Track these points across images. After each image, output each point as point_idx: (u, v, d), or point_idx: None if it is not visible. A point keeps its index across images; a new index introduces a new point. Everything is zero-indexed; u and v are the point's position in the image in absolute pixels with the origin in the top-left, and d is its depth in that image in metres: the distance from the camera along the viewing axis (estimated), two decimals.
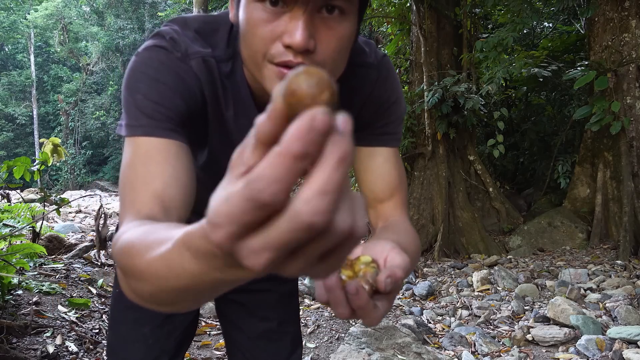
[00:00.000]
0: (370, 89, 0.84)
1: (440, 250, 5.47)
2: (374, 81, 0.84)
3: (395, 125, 0.88)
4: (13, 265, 2.34)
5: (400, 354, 2.46)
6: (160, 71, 0.70)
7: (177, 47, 0.72)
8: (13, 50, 30.49)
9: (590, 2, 5.72)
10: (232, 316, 1.13)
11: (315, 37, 0.63)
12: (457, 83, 5.46)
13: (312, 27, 0.62)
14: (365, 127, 0.85)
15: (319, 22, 0.63)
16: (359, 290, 0.47)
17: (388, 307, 0.51)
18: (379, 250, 0.55)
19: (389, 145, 0.87)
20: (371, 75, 0.84)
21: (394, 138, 0.88)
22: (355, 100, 0.84)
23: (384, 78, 0.85)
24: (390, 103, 0.86)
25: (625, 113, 5.22)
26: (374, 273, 0.50)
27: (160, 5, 25.62)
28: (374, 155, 0.85)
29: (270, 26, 0.63)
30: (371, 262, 0.52)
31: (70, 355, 2.13)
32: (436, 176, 5.86)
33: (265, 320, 1.10)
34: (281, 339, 1.11)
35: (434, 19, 6.14)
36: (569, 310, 2.97)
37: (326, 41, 0.64)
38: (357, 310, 0.48)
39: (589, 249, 5.19)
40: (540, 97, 8.63)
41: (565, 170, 6.21)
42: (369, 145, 0.86)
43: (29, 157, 3.01)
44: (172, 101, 0.69)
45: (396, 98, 0.87)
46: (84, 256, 3.54)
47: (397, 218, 0.83)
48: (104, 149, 29.33)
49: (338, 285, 0.48)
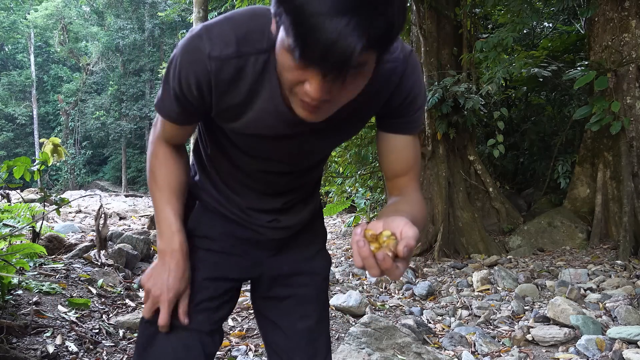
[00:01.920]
0: (398, 81, 0.91)
1: (440, 250, 5.47)
2: (400, 73, 0.91)
3: (418, 115, 0.96)
4: (13, 265, 2.34)
5: (400, 354, 2.46)
6: (186, 68, 0.85)
7: (204, 49, 0.83)
8: (13, 50, 30.51)
9: (590, 2, 5.72)
10: (271, 315, 1.15)
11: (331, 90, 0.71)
12: (457, 83, 5.46)
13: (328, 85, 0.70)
14: (391, 115, 0.96)
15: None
16: (385, 257, 0.68)
17: (405, 266, 0.71)
18: (395, 225, 0.73)
19: (409, 133, 0.98)
20: (398, 68, 0.90)
21: (415, 126, 0.98)
22: (384, 91, 0.91)
23: (410, 72, 0.92)
24: (415, 95, 0.94)
25: (625, 113, 5.22)
26: (394, 243, 0.70)
27: (160, 5, 25.62)
28: (396, 140, 0.98)
29: (296, 74, 0.71)
30: (391, 235, 0.71)
31: (70, 355, 2.13)
32: (436, 176, 5.86)
33: (305, 318, 1.13)
34: (318, 339, 1.14)
35: (434, 19, 6.14)
36: (569, 310, 2.97)
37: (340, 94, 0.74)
38: (384, 271, 0.69)
39: (589, 249, 5.19)
40: (540, 97, 8.63)
41: (565, 170, 6.21)
42: (392, 132, 0.98)
43: (29, 157, 3.00)
44: (190, 97, 0.88)
45: (419, 90, 0.94)
46: (84, 256, 3.54)
47: (410, 189, 1.00)
48: (104, 149, 29.34)
49: (370, 254, 0.69)
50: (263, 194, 1.07)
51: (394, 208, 0.93)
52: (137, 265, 4.12)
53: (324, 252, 1.21)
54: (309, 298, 1.14)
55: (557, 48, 7.88)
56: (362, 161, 6.95)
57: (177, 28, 23.85)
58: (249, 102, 0.88)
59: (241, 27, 0.84)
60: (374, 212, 7.22)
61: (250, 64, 0.84)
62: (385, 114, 0.96)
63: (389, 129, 0.97)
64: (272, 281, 1.14)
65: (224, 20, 0.85)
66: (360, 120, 0.96)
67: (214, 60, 0.83)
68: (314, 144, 0.97)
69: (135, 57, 27.74)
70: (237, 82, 0.86)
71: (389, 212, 0.90)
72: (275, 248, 1.13)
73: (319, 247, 1.20)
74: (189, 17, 14.29)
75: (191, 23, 6.84)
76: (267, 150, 0.97)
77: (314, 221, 1.20)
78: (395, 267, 0.69)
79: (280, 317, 1.14)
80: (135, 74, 28.26)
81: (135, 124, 27.60)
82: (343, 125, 0.95)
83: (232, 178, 1.06)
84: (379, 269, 0.69)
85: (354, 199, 7.49)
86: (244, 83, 0.86)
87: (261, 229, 1.09)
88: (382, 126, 0.98)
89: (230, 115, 0.91)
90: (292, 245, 1.15)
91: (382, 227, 0.73)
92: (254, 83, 0.86)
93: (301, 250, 1.16)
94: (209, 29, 0.84)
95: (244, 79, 0.85)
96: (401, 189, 1.00)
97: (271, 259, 1.13)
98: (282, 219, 1.09)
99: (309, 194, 1.14)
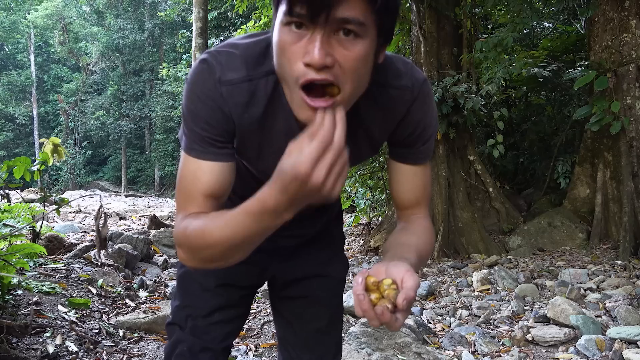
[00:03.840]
0: (405, 110, 0.90)
1: (440, 250, 5.47)
2: (408, 103, 0.89)
3: (428, 145, 0.96)
4: (13, 265, 2.34)
5: (400, 354, 2.46)
6: (202, 100, 0.82)
7: (213, 74, 0.82)
8: (13, 50, 30.48)
9: (590, 2, 5.72)
10: (285, 313, 1.18)
11: (333, 55, 0.70)
12: (457, 83, 5.46)
13: (328, 46, 0.69)
14: (400, 144, 0.95)
15: (335, 43, 0.70)
16: (384, 311, 0.68)
17: (405, 316, 0.71)
18: (397, 272, 0.72)
19: (419, 163, 0.97)
20: (406, 97, 0.89)
21: (424, 156, 0.97)
22: (389, 119, 0.90)
23: (421, 102, 0.90)
24: (425, 126, 0.93)
25: (625, 113, 5.22)
26: (395, 294, 0.69)
27: (160, 5, 25.62)
28: (405, 170, 0.97)
29: (295, 47, 0.71)
30: (392, 284, 0.71)
31: (70, 355, 2.13)
32: (436, 176, 5.86)
33: (316, 320, 1.15)
34: (327, 340, 1.17)
35: (434, 19, 6.13)
36: (569, 310, 2.97)
37: (343, 59, 0.71)
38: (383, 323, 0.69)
39: (588, 249, 5.19)
40: (540, 97, 8.63)
41: (565, 170, 6.21)
42: (401, 162, 0.97)
43: (29, 157, 3.00)
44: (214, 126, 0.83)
45: (430, 121, 0.93)
46: (84, 256, 3.54)
47: (417, 217, 0.99)
48: (103, 149, 29.33)
49: (370, 307, 0.69)
50: None
51: (400, 241, 0.92)
52: (137, 265, 4.12)
53: (340, 256, 1.23)
54: (321, 300, 1.15)
55: (557, 48, 7.88)
56: None
57: (177, 28, 23.84)
58: (264, 125, 0.87)
59: (247, 51, 0.84)
60: (373, 212, 7.22)
61: (262, 86, 0.84)
62: (395, 143, 0.96)
63: (398, 158, 0.97)
64: (286, 283, 1.17)
65: (228, 46, 0.85)
66: (370, 147, 0.96)
67: (224, 85, 0.82)
68: None
69: (135, 57, 27.73)
70: (250, 105, 0.84)
71: (394, 244, 0.90)
72: (288, 254, 1.15)
73: (335, 251, 1.22)
74: (189, 17, 14.28)
75: (191, 23, 6.83)
76: None
77: (333, 226, 1.21)
78: (395, 319, 0.69)
79: (292, 316, 1.17)
80: (135, 74, 28.25)
81: (135, 124, 27.59)
82: (353, 150, 0.94)
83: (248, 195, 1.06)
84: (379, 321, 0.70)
85: (354, 199, 7.49)
86: (258, 106, 0.85)
87: (273, 237, 1.10)
88: (392, 155, 0.98)
89: (247, 142, 0.89)
90: (307, 250, 1.16)
91: (384, 272, 0.73)
92: (268, 105, 0.85)
93: (317, 254, 1.17)
94: (216, 55, 0.84)
95: (258, 102, 0.85)
96: (409, 216, 0.99)
97: (283, 264, 1.15)
98: (295, 228, 1.10)
99: (325, 207, 1.15)
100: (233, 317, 1.14)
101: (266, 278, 1.17)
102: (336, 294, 1.19)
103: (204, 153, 0.84)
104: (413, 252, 0.84)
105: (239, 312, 1.16)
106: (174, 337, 1.11)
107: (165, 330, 1.15)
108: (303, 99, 0.73)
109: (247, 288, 1.15)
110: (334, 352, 1.18)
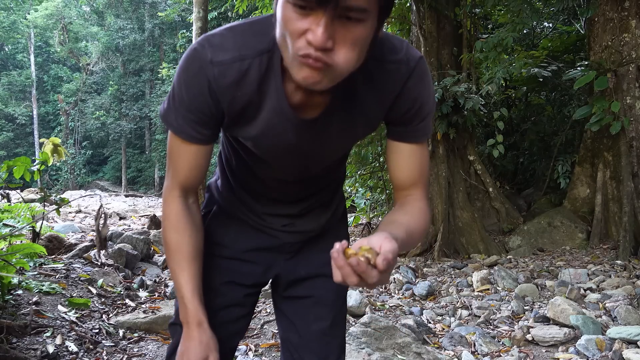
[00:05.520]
0: (402, 85, 0.90)
1: (440, 250, 5.47)
2: (405, 77, 0.89)
3: (424, 124, 0.95)
4: (13, 265, 2.35)
5: (400, 354, 2.46)
6: (191, 78, 0.86)
7: (204, 58, 0.85)
8: (13, 50, 30.48)
9: (590, 2, 5.72)
10: (288, 313, 1.18)
11: (334, 37, 0.72)
12: (457, 83, 5.46)
13: (331, 29, 0.71)
14: (398, 122, 0.95)
15: (338, 25, 0.72)
16: (359, 262, 0.68)
17: (385, 279, 0.71)
18: (375, 240, 0.72)
19: (416, 142, 0.97)
20: (402, 70, 0.89)
21: (422, 134, 0.96)
22: (386, 94, 0.91)
23: (418, 79, 0.90)
24: (422, 103, 0.92)
25: (625, 113, 5.22)
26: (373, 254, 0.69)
27: (160, 5, 25.61)
28: (402, 149, 0.97)
29: (299, 23, 0.72)
30: (370, 249, 0.70)
31: (70, 355, 2.13)
32: (436, 176, 5.86)
33: (319, 321, 1.14)
34: (330, 341, 1.16)
35: (433, 19, 6.14)
36: (568, 310, 2.97)
37: (343, 42, 0.73)
38: (360, 275, 0.69)
39: (588, 249, 5.19)
40: (540, 97, 8.63)
41: (565, 170, 6.21)
42: (399, 140, 0.97)
43: (29, 157, 3.00)
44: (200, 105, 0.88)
45: (427, 98, 0.93)
46: (84, 256, 3.54)
47: (413, 198, 0.98)
48: (103, 149, 29.30)
49: (345, 264, 0.69)
50: (279, 201, 1.09)
51: (391, 219, 0.92)
52: (137, 265, 4.12)
53: None
54: (325, 301, 1.15)
55: (557, 48, 7.88)
56: (362, 161, 6.95)
57: (177, 28, 23.83)
58: (257, 104, 0.89)
59: (241, 33, 0.87)
60: (373, 212, 7.22)
61: (255, 66, 0.86)
62: (392, 121, 0.96)
63: (396, 137, 0.97)
64: (290, 283, 1.16)
65: (224, 29, 0.88)
66: (366, 125, 0.96)
67: (216, 66, 0.85)
68: (320, 150, 0.98)
69: (135, 57, 27.72)
70: (242, 85, 0.87)
71: (384, 222, 0.91)
72: (292, 251, 1.15)
73: None
74: (189, 17, 14.28)
75: (191, 23, 6.83)
76: (275, 157, 0.98)
77: (337, 226, 1.21)
78: (371, 269, 0.68)
79: (295, 316, 1.16)
80: (135, 74, 28.24)
81: (135, 124, 27.58)
82: (349, 128, 0.95)
83: (249, 184, 1.09)
84: (356, 276, 0.69)
85: (354, 199, 7.49)
86: (250, 85, 0.87)
87: (276, 232, 1.11)
88: (390, 134, 0.98)
89: (241, 121, 0.91)
90: (311, 249, 1.16)
91: (364, 242, 0.73)
92: (261, 84, 0.87)
93: (322, 254, 1.16)
94: (209, 38, 0.87)
95: (250, 82, 0.86)
96: (405, 197, 0.99)
97: (288, 262, 1.15)
98: (298, 223, 1.11)
99: (328, 199, 1.15)
100: (238, 317, 1.14)
101: (270, 276, 1.17)
102: (340, 295, 1.19)
103: (187, 135, 0.92)
104: (402, 229, 0.84)
105: (243, 312, 1.15)
106: (176, 337, 1.11)
107: (169, 330, 1.14)
108: (301, 61, 0.74)
109: (251, 287, 1.15)
110: (337, 354, 1.17)
